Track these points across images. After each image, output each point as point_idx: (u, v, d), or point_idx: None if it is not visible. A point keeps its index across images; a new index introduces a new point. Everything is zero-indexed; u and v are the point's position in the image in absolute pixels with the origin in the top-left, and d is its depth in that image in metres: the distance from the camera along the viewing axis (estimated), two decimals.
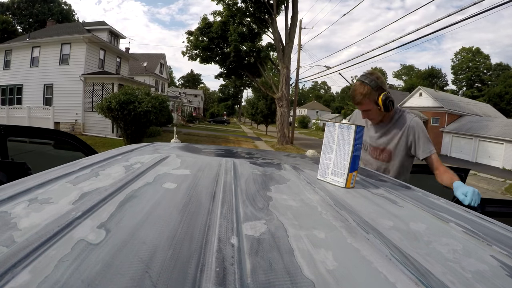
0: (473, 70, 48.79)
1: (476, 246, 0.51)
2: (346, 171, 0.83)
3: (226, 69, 18.01)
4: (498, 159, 16.32)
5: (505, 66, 47.23)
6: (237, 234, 0.44)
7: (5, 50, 15.69)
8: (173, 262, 0.35)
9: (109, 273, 0.32)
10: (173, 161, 0.92)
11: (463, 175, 2.16)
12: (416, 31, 9.25)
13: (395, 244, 0.47)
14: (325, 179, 0.88)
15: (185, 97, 40.08)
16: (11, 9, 34.69)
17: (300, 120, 51.03)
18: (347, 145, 0.86)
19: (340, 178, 0.84)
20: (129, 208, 0.51)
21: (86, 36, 14.20)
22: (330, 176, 0.86)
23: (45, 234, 0.40)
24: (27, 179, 0.67)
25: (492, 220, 0.70)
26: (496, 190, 10.13)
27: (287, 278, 0.34)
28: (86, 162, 0.86)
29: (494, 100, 36.46)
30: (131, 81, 14.72)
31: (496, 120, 19.32)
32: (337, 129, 0.89)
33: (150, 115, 9.99)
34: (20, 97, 15.12)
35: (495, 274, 0.41)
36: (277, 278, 0.34)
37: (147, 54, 28.92)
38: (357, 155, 0.87)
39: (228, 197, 0.61)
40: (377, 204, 0.70)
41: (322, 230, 0.49)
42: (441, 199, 0.84)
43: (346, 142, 0.86)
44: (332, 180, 0.86)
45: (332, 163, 0.87)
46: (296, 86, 18.87)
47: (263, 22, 15.89)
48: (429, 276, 0.38)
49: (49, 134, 2.24)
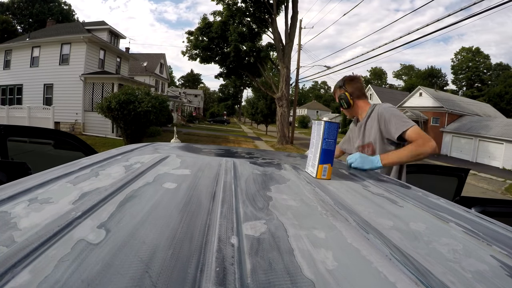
0: (473, 70, 48.79)
1: (476, 246, 0.51)
2: (317, 162, 0.93)
3: (226, 69, 18.00)
4: (498, 159, 16.31)
5: (505, 66, 47.24)
6: (237, 234, 0.44)
7: (5, 50, 15.68)
8: (173, 262, 0.35)
9: (109, 273, 0.32)
10: (173, 161, 0.92)
11: (463, 175, 2.16)
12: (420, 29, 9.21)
13: (395, 244, 0.47)
14: (307, 170, 0.98)
15: (185, 97, 40.07)
16: (11, 9, 34.68)
17: (300, 120, 51.02)
18: (318, 140, 0.97)
19: (313, 169, 0.94)
20: (129, 208, 0.51)
21: (86, 36, 14.20)
22: (310, 168, 0.97)
23: (45, 234, 0.40)
24: (27, 179, 0.67)
25: (492, 220, 0.70)
26: (496, 190, 10.13)
27: (287, 278, 0.34)
28: (86, 162, 0.86)
29: (494, 100, 36.44)
30: (131, 81, 14.72)
31: (496, 120, 19.31)
32: (315, 126, 1.01)
33: (150, 115, 9.99)
34: (20, 97, 15.12)
35: (495, 274, 0.41)
36: (277, 278, 0.34)
37: (147, 54, 28.91)
38: (327, 148, 0.95)
39: (228, 197, 0.61)
40: (377, 204, 0.70)
41: (322, 230, 0.49)
42: (441, 199, 0.84)
43: (319, 137, 0.97)
44: (310, 172, 0.95)
45: (313, 156, 0.98)
46: (296, 86, 18.87)
47: (263, 22, 15.89)
48: (429, 276, 0.38)
49: (49, 134, 2.23)
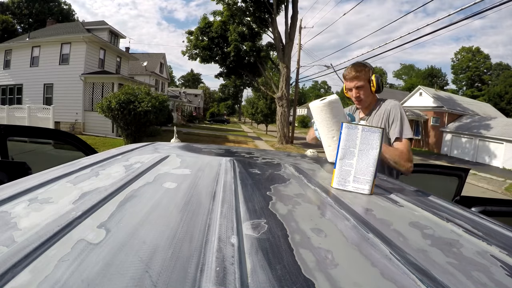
0: (473, 69, 48.76)
1: (476, 246, 0.51)
2: (372, 177, 0.77)
3: (226, 69, 18.01)
4: (498, 159, 16.31)
5: (505, 66, 47.21)
6: (237, 234, 0.44)
7: (5, 49, 15.68)
8: (173, 262, 0.35)
9: (109, 272, 0.32)
10: (173, 160, 0.92)
11: (463, 175, 2.16)
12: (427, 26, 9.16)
13: (395, 243, 0.47)
14: (346, 187, 0.79)
15: (185, 96, 40.04)
16: (11, 9, 34.66)
17: (300, 120, 51.01)
18: (372, 150, 0.79)
19: (365, 185, 0.77)
20: (129, 208, 0.51)
21: (86, 35, 14.20)
22: (352, 184, 0.79)
23: (45, 234, 0.40)
24: (27, 178, 0.67)
25: (492, 220, 0.70)
26: (496, 189, 10.13)
27: (287, 277, 0.34)
28: (86, 161, 0.86)
29: (494, 99, 36.41)
30: (131, 80, 14.71)
31: (496, 120, 19.30)
32: (360, 132, 0.81)
33: (150, 115, 10.00)
34: (20, 97, 15.12)
35: (495, 274, 0.41)
36: (277, 278, 0.34)
37: (147, 54, 28.91)
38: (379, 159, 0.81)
39: (228, 196, 0.61)
40: (377, 204, 0.70)
41: (322, 230, 0.49)
42: (441, 199, 0.84)
43: (371, 147, 0.79)
44: (355, 189, 0.78)
45: (354, 169, 0.79)
46: (296, 86, 18.86)
47: (263, 22, 15.87)
48: (429, 276, 0.38)
49: (49, 133, 2.24)
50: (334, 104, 1.13)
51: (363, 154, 0.80)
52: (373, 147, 0.79)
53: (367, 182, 0.78)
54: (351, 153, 0.81)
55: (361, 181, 0.78)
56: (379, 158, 0.81)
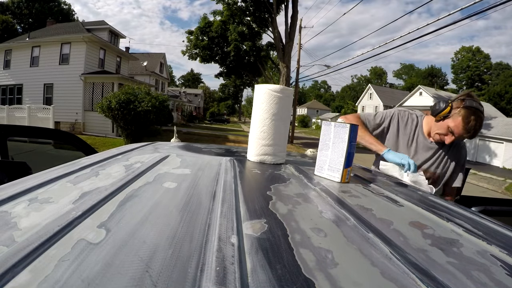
0: (473, 69, 48.76)
1: (476, 246, 0.51)
2: (342, 166, 0.89)
3: (226, 68, 18.02)
4: (498, 158, 16.31)
5: (505, 66, 47.20)
6: (237, 234, 0.44)
7: (5, 49, 15.68)
8: (173, 262, 0.35)
9: (109, 272, 0.32)
10: (173, 160, 0.92)
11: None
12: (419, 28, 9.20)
13: (396, 243, 0.47)
14: (322, 174, 0.93)
15: (185, 96, 40.02)
16: (11, 9, 34.66)
17: (300, 119, 51.04)
18: (342, 143, 0.91)
19: (336, 173, 0.89)
20: (129, 208, 0.51)
21: (86, 35, 14.20)
22: (327, 171, 0.92)
23: (45, 234, 0.40)
24: (27, 178, 0.67)
25: (492, 219, 0.70)
26: (497, 189, 10.13)
27: (287, 277, 0.34)
28: (86, 161, 0.86)
29: (494, 99, 36.42)
30: (131, 80, 14.71)
31: (496, 119, 19.29)
32: (333, 127, 0.95)
33: (150, 115, 10.00)
34: (20, 97, 15.13)
35: (495, 273, 0.41)
36: (277, 278, 0.34)
37: (147, 54, 28.91)
38: (351, 151, 0.92)
39: (228, 196, 0.61)
40: (378, 204, 0.70)
41: (322, 229, 0.49)
42: (441, 199, 0.84)
43: (342, 140, 0.92)
44: (328, 176, 0.91)
45: (329, 159, 0.92)
46: (296, 85, 18.85)
47: (263, 21, 15.87)
48: (429, 276, 0.38)
49: (49, 133, 2.24)
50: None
51: (335, 147, 0.93)
52: (343, 141, 0.91)
53: (338, 171, 0.89)
54: (327, 145, 0.95)
55: (333, 170, 0.90)
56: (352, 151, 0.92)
